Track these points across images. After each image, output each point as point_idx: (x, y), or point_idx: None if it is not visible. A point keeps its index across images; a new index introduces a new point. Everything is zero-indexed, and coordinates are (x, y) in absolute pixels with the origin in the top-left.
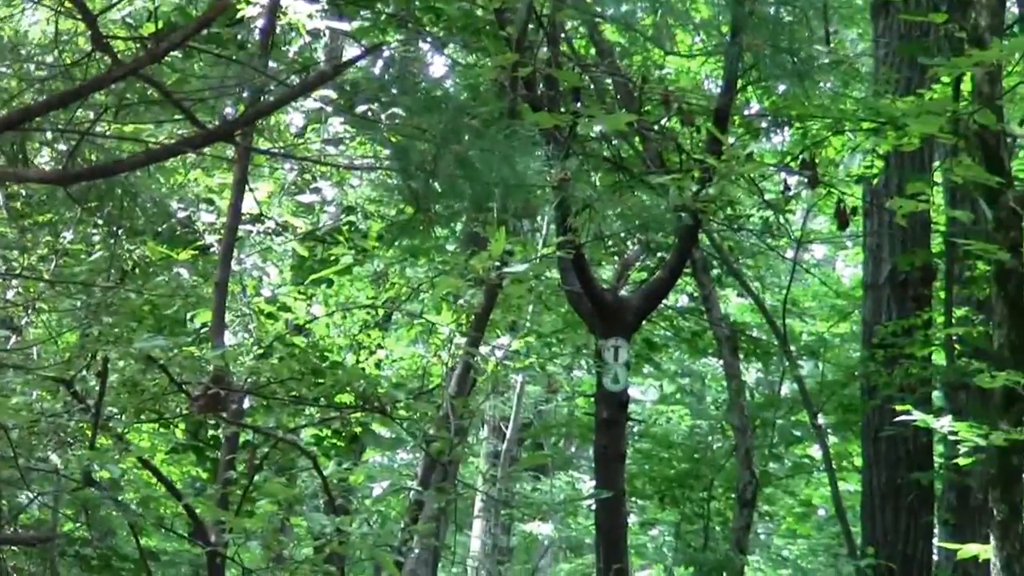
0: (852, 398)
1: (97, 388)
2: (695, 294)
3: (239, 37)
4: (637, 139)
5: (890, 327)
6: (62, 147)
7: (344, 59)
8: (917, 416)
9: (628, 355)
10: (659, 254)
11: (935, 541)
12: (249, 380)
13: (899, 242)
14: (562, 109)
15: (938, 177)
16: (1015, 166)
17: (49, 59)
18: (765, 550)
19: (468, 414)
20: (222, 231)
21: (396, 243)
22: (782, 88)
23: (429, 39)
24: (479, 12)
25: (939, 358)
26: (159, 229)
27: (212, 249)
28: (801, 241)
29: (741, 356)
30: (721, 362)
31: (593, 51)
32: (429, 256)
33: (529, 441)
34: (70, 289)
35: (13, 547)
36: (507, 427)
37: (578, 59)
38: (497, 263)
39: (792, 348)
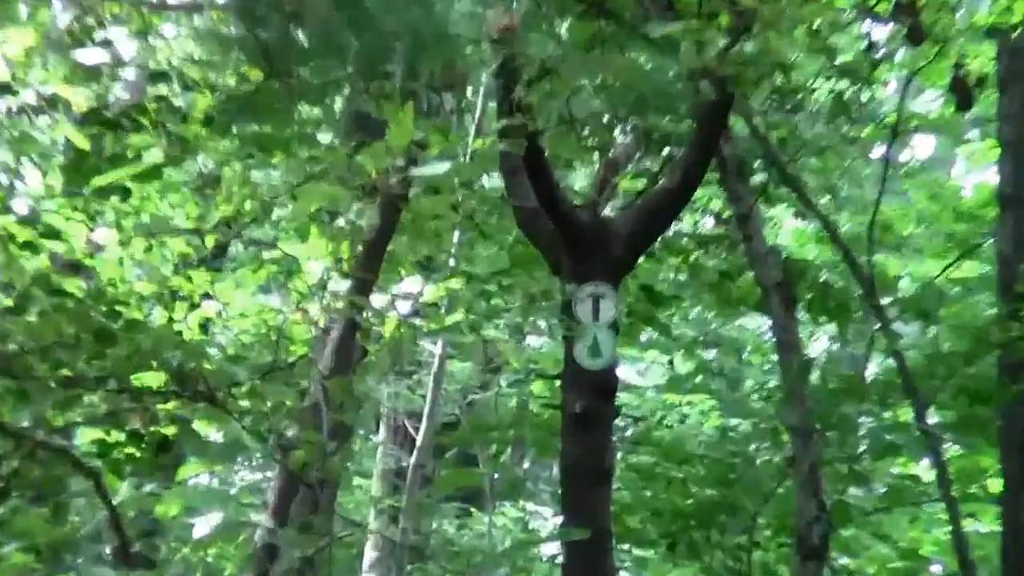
0: (984, 381)
1: None
2: (725, 214)
3: None
4: None
5: None
6: None
7: None
8: None
9: (616, 311)
10: (665, 149)
11: None
12: None
13: None
14: None
15: None
16: None
17: None
18: None
19: (352, 405)
20: None
21: (235, 130)
22: None
23: None
24: None
25: None
26: None
27: None
28: (898, 130)
29: (801, 314)
30: (768, 324)
31: None
32: (289, 151)
33: (453, 452)
34: None
35: None
36: (416, 427)
37: None
38: (400, 162)
39: (885, 301)
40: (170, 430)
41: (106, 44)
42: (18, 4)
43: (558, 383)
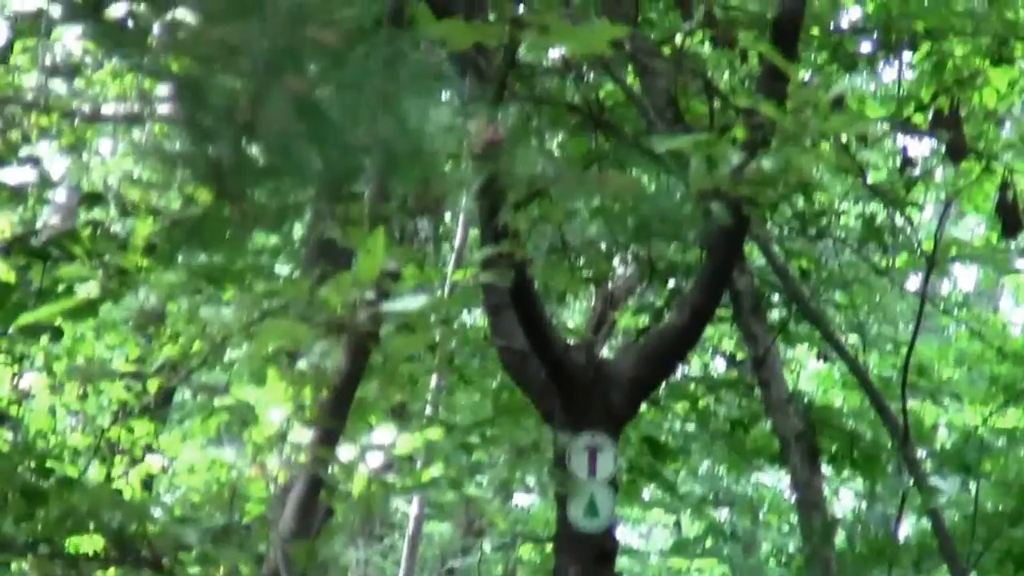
0: None
1: None
2: (739, 354)
3: None
4: (630, 72)
5: None
6: None
7: None
8: None
9: (615, 466)
10: (671, 282)
11: None
12: None
13: None
14: (491, 16)
15: None
16: None
17: None
18: None
19: (317, 572)
20: None
21: (181, 260)
22: None
23: None
24: None
25: None
26: None
27: None
28: (936, 259)
29: (825, 468)
30: (788, 479)
31: None
32: (243, 283)
33: None
34: None
35: None
36: None
37: None
38: (370, 295)
39: (920, 453)
40: None
41: (33, 161)
42: None
43: (549, 548)
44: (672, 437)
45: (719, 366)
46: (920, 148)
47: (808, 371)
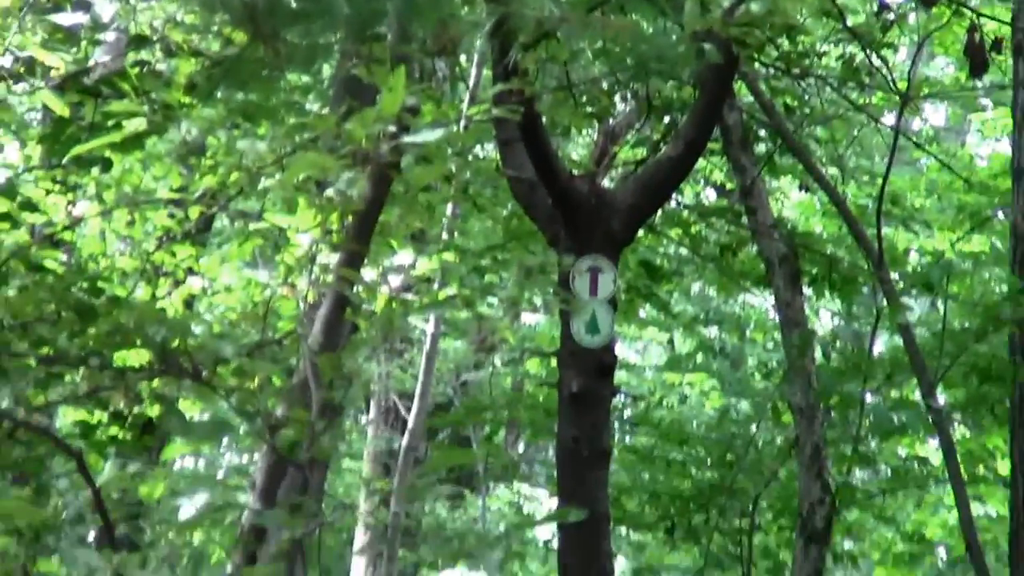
0: (994, 360)
1: None
2: (728, 184)
3: None
4: None
5: None
6: None
7: None
8: None
9: (614, 286)
10: (667, 117)
11: None
12: None
13: None
14: None
15: None
16: None
17: None
18: None
19: (342, 383)
20: None
21: (220, 96)
22: None
23: None
24: None
25: None
26: None
27: None
28: (909, 96)
29: (806, 289)
30: (772, 300)
31: None
32: (276, 118)
33: (446, 432)
34: None
35: None
36: (408, 408)
37: None
38: (392, 128)
39: (893, 276)
40: (154, 410)
41: (85, 6)
42: None
43: (554, 362)
44: (666, 260)
45: (710, 195)
46: None
47: (791, 200)
